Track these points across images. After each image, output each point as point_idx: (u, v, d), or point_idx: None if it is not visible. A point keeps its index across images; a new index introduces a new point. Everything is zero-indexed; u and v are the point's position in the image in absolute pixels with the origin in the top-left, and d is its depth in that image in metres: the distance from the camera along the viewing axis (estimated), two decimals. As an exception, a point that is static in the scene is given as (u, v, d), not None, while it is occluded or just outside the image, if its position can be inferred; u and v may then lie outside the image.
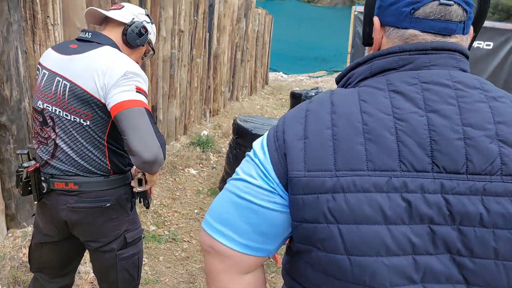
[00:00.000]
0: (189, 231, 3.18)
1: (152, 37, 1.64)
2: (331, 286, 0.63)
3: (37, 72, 1.50)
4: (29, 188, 1.43)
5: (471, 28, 0.70)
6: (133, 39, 1.50)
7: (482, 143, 0.59)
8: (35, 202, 1.47)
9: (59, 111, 1.39)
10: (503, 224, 0.58)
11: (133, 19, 1.52)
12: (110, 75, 1.33)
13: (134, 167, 1.56)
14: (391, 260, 0.59)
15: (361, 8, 3.20)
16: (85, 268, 2.37)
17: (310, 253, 0.64)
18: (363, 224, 0.59)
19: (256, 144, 0.70)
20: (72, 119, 1.38)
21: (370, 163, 0.59)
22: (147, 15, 1.59)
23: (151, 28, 1.61)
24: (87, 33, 1.46)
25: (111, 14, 1.50)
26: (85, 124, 1.38)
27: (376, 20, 0.70)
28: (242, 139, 3.76)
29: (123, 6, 1.55)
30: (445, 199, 0.58)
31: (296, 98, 6.31)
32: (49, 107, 1.41)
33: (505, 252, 0.58)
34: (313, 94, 6.23)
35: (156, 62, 4.51)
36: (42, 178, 1.43)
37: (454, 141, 0.59)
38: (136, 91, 1.34)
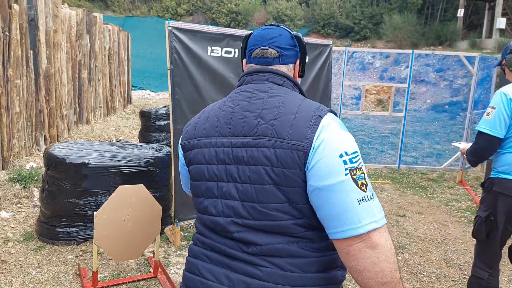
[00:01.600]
0: (-24, 295, 2.53)
1: None
2: (194, 201, 1.15)
3: None
4: None
5: (298, 60, 1.19)
6: None
7: (250, 119, 1.03)
8: None
9: None
10: (252, 162, 1.00)
11: None
12: None
13: None
14: (206, 184, 1.08)
15: (174, 23, 3.05)
16: None
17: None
18: (197, 164, 1.10)
19: None
20: None
21: (205, 133, 1.10)
22: None
23: None
24: None
25: None
26: None
27: (244, 60, 1.23)
28: (55, 171, 3.22)
29: None
30: (231, 150, 1.04)
31: (145, 117, 5.92)
32: None
33: (253, 178, 1.00)
34: (164, 112, 5.94)
35: None
36: None
37: (239, 120, 1.05)
38: None
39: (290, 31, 1.17)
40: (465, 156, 2.33)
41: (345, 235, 0.93)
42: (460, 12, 17.76)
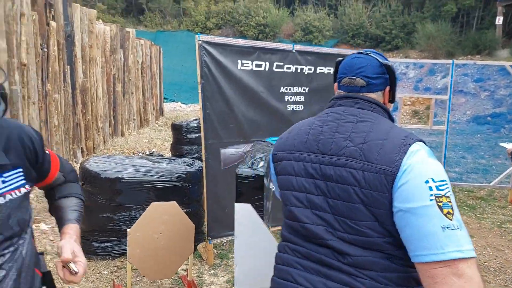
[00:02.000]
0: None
1: None
2: (283, 208, 1.26)
3: None
4: None
5: (387, 87, 1.25)
6: None
7: (339, 140, 1.13)
8: None
9: None
10: (341, 181, 1.09)
11: None
12: None
13: None
14: (295, 193, 1.19)
15: (204, 37, 3.01)
16: None
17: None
18: (285, 175, 1.23)
19: None
20: None
21: (295, 147, 1.22)
22: None
23: None
24: None
25: None
26: None
27: (335, 84, 1.32)
28: (90, 185, 3.21)
29: None
30: (319, 166, 1.14)
31: (176, 130, 5.92)
32: None
33: (342, 196, 1.09)
34: (195, 125, 5.92)
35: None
36: None
37: (328, 139, 1.16)
38: None
39: (379, 59, 1.23)
40: (510, 156, 2.37)
41: (426, 259, 0.95)
42: (499, 20, 17.02)
